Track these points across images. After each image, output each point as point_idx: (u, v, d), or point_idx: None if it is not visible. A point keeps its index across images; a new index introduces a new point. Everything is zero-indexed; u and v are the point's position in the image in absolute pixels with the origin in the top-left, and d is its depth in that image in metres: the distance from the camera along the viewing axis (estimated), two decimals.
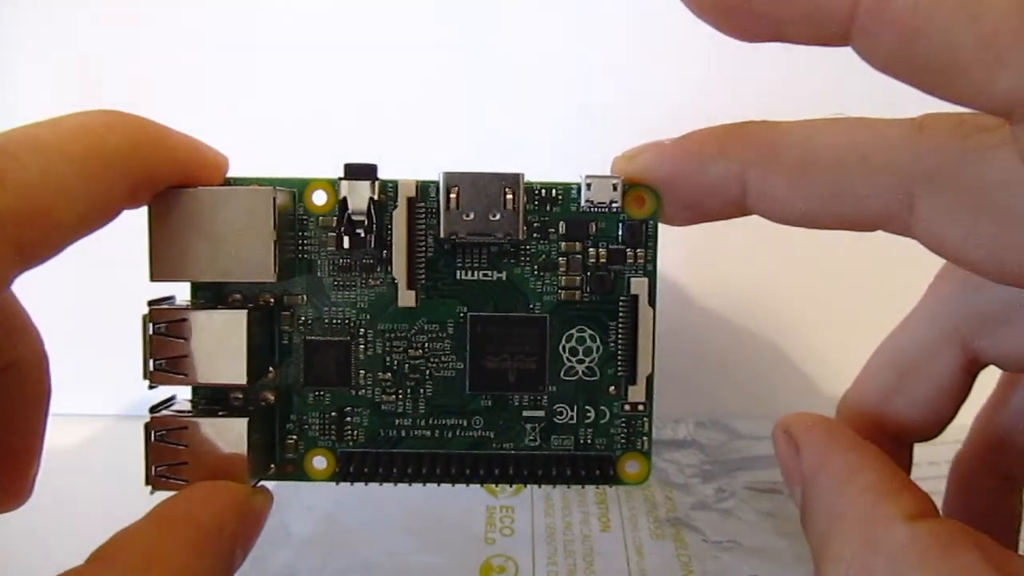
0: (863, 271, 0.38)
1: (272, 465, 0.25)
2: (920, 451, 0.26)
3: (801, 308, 0.38)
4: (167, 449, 0.23)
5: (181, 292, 0.25)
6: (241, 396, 0.25)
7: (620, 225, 0.25)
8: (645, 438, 0.26)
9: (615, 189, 0.25)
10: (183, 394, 0.25)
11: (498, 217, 0.24)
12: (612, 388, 0.26)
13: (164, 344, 0.23)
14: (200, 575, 0.20)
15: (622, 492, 0.33)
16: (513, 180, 0.24)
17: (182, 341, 0.23)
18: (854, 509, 0.19)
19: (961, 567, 0.17)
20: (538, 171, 0.25)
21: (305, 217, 0.25)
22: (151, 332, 0.23)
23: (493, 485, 0.25)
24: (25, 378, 0.23)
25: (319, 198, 0.25)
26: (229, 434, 0.23)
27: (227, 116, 0.25)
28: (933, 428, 0.25)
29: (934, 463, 0.33)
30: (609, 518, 0.32)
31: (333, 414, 0.25)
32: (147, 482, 0.23)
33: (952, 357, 0.24)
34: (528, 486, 0.33)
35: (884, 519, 0.18)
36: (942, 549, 0.17)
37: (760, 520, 0.31)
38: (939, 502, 0.18)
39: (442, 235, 0.24)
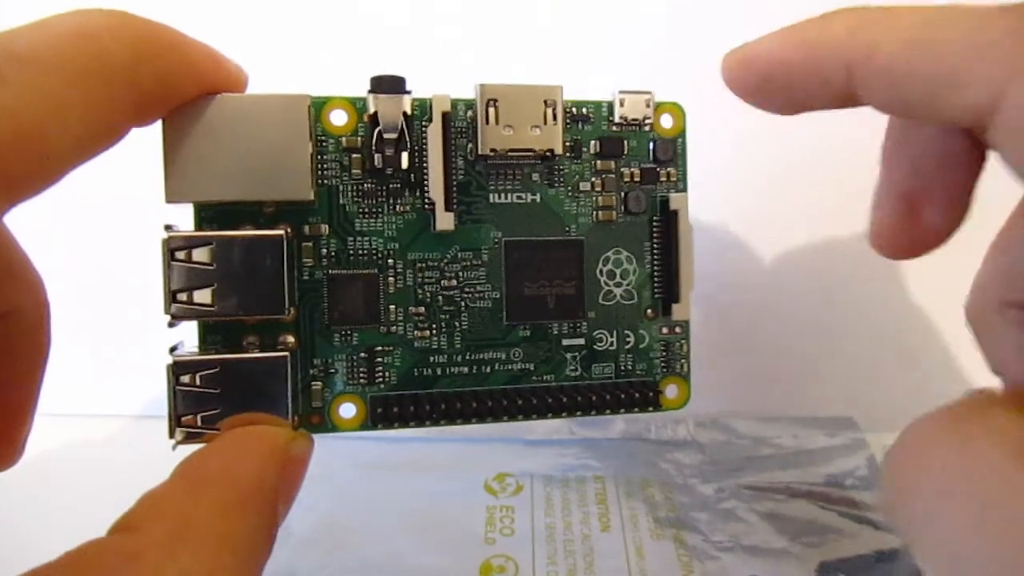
0: (865, 272, 0.38)
1: (295, 417, 0.23)
2: None
3: (802, 308, 0.38)
4: (195, 394, 0.20)
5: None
6: (256, 340, 0.22)
7: (652, 143, 0.25)
8: (683, 361, 0.25)
9: (648, 105, 0.24)
10: (191, 340, 0.22)
11: (537, 132, 0.23)
12: (649, 311, 0.25)
13: (185, 273, 0.20)
14: (241, 540, 0.17)
15: (622, 492, 0.33)
16: (552, 93, 0.23)
17: (207, 269, 0.20)
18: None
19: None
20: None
21: (324, 139, 0.23)
22: (171, 260, 0.20)
23: (532, 417, 0.24)
24: (23, 328, 0.20)
25: (338, 118, 0.23)
26: (267, 372, 0.21)
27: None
28: None
29: None
30: (609, 518, 0.32)
31: (362, 355, 0.23)
32: (171, 435, 0.20)
33: None
34: (530, 485, 0.33)
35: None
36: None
37: (760, 520, 0.31)
38: None
39: (480, 151, 0.23)
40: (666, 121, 0.25)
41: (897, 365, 0.26)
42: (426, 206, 0.23)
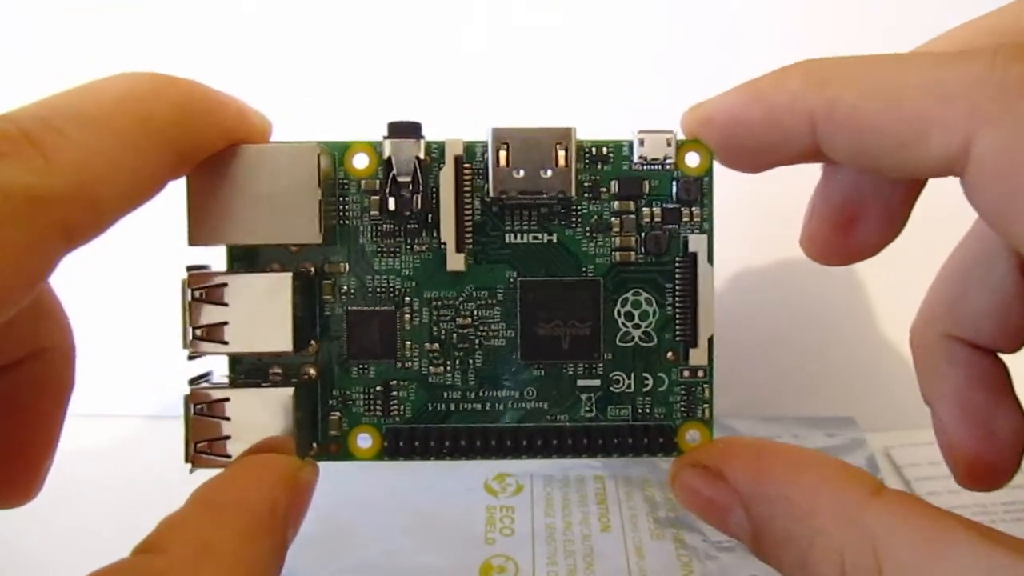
0: (865, 272, 0.37)
1: (314, 445, 0.24)
2: (921, 452, 0.25)
3: (803, 308, 0.38)
4: (208, 423, 0.22)
5: (218, 264, 0.24)
6: (281, 371, 0.24)
7: (674, 183, 0.24)
8: (706, 406, 0.25)
9: (669, 144, 0.24)
10: (220, 369, 0.24)
11: (549, 174, 0.23)
12: (670, 354, 0.24)
13: (204, 311, 0.22)
14: (255, 562, 0.19)
15: (622, 492, 0.33)
16: (565, 135, 0.23)
17: (223, 307, 0.22)
18: (821, 502, 0.18)
19: (941, 524, 0.17)
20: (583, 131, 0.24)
21: (345, 182, 0.24)
22: (189, 298, 0.22)
23: (545, 457, 0.24)
24: (51, 368, 0.22)
25: (360, 161, 0.24)
26: (274, 405, 0.22)
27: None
28: (1011, 336, 0.24)
29: (934, 463, 0.33)
30: (609, 518, 0.32)
31: (378, 388, 0.24)
32: (187, 459, 0.22)
33: (1006, 260, 0.23)
34: (530, 484, 0.33)
35: (854, 501, 0.18)
36: (918, 511, 0.17)
37: None
38: (942, 503, 0.18)
39: (491, 194, 0.23)
40: (691, 160, 0.24)
41: (897, 365, 0.26)
42: (441, 246, 0.24)
